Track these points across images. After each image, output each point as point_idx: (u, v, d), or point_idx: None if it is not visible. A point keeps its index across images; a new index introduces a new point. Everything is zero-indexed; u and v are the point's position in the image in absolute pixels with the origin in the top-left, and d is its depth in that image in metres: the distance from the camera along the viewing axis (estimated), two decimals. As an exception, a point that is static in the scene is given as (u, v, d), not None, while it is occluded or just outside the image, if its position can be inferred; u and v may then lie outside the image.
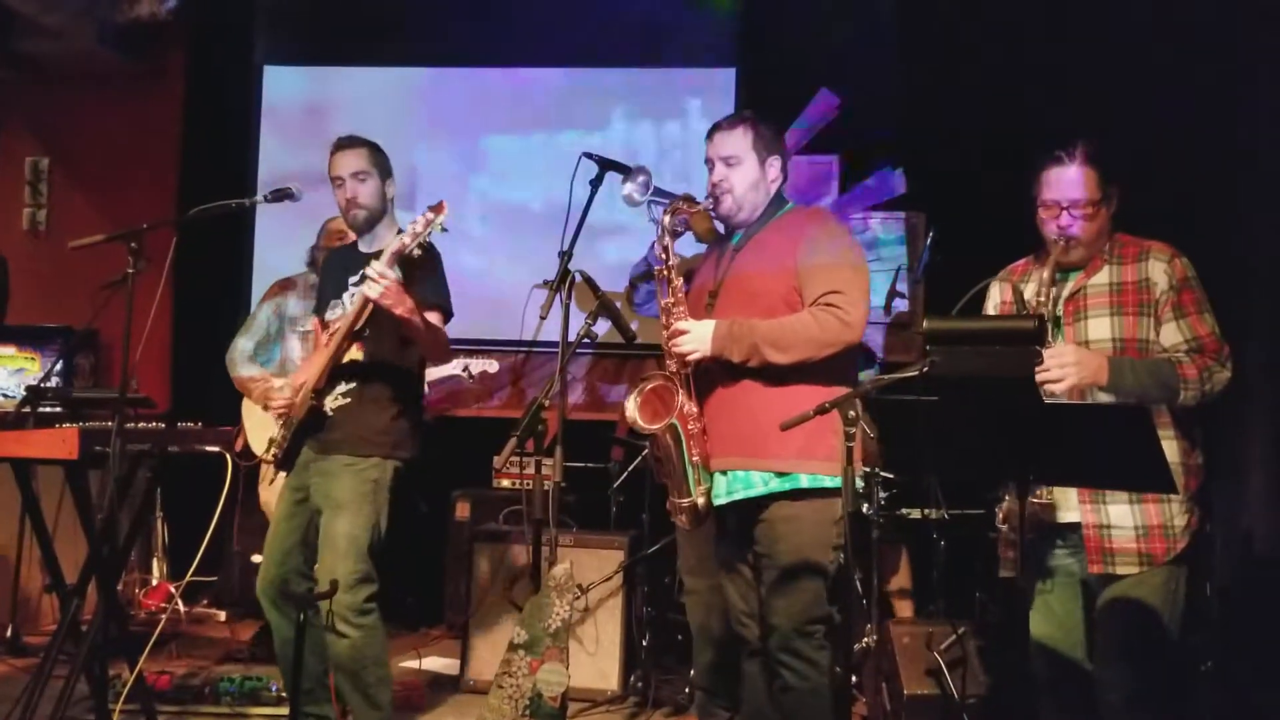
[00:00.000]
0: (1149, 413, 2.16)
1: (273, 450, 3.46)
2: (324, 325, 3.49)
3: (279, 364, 4.45)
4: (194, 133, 6.02)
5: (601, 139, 5.64)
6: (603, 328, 3.22)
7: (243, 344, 4.42)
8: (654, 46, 5.65)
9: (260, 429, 4.43)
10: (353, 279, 3.40)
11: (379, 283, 3.11)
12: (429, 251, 3.41)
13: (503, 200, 5.80)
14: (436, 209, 3.14)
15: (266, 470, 4.39)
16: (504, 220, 5.78)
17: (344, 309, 3.40)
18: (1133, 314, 2.69)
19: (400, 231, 3.42)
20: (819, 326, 2.77)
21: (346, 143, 3.45)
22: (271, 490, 4.46)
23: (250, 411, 4.52)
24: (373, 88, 5.91)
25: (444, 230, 3.16)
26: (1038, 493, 2.66)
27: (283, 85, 6.03)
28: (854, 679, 3.87)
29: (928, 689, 3.48)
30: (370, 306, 3.19)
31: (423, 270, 3.33)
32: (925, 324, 2.33)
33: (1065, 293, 2.75)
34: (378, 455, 3.32)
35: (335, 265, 3.57)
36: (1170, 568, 2.63)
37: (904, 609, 4.45)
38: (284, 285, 4.55)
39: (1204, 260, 2.75)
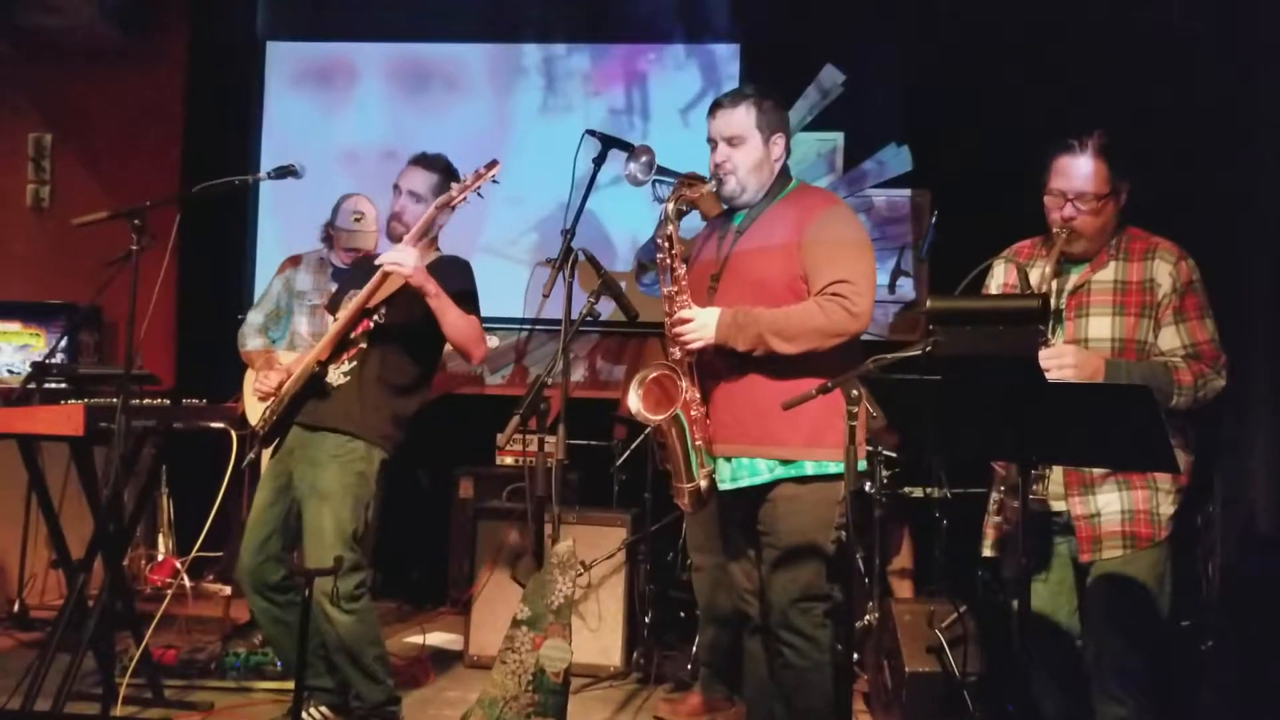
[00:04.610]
0: (1151, 391, 2.15)
1: (262, 420, 3.46)
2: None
3: (289, 338, 4.52)
4: (197, 108, 5.99)
5: (604, 115, 5.62)
6: (605, 307, 3.22)
7: (252, 318, 4.55)
8: (657, 22, 5.62)
9: (255, 401, 4.43)
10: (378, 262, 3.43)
11: (398, 254, 3.14)
12: (461, 263, 3.44)
13: (506, 176, 5.76)
14: (489, 165, 3.18)
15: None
16: (507, 196, 5.75)
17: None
18: (1134, 315, 2.67)
19: (435, 248, 3.50)
20: (825, 317, 2.74)
21: (422, 162, 3.47)
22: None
23: (250, 384, 4.54)
24: (376, 62, 5.88)
25: (495, 182, 3.22)
26: (1030, 489, 2.67)
27: (285, 60, 6.00)
28: (855, 656, 3.88)
29: (929, 666, 3.50)
30: (387, 281, 3.19)
31: (453, 274, 3.35)
32: (929, 303, 2.32)
33: (1069, 286, 2.72)
34: (364, 441, 3.30)
35: (362, 265, 3.59)
36: (1157, 550, 2.65)
37: (904, 589, 4.47)
38: (294, 260, 4.65)
39: (1209, 246, 2.73)
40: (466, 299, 3.37)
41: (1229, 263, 2.85)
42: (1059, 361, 2.53)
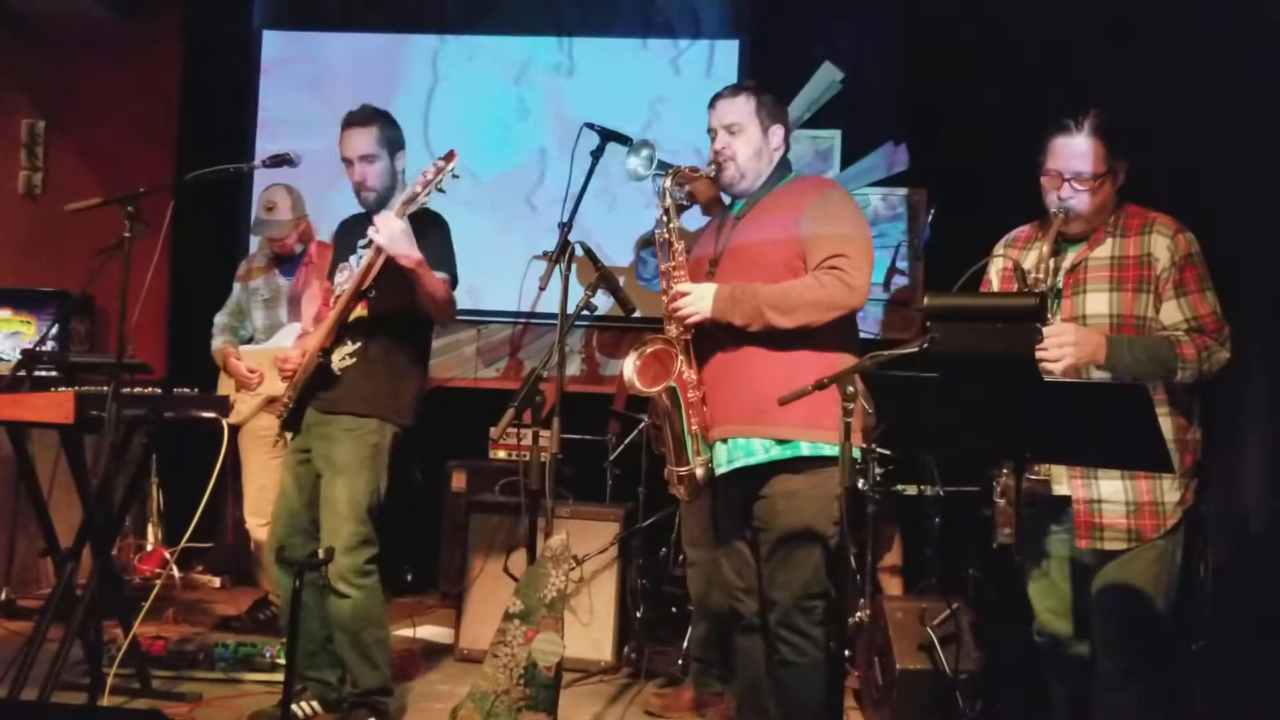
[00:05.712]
0: (1146, 391, 2.15)
1: (279, 410, 3.48)
2: (333, 290, 3.49)
3: (255, 333, 4.63)
4: (192, 96, 5.97)
5: (604, 109, 5.59)
6: (603, 301, 3.21)
7: (218, 319, 4.65)
8: (659, 17, 5.60)
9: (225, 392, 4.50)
10: (361, 241, 3.41)
11: (387, 225, 3.11)
12: (439, 221, 3.41)
13: (503, 169, 5.77)
14: (447, 157, 3.15)
15: (236, 403, 4.44)
16: (504, 190, 5.75)
17: (351, 271, 3.40)
18: (1131, 290, 2.66)
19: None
20: (823, 289, 2.75)
21: (356, 120, 3.40)
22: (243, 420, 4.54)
23: (223, 378, 4.62)
24: (371, 53, 5.86)
25: (455, 177, 3.17)
26: (1034, 470, 2.66)
27: (281, 49, 5.97)
28: (847, 653, 3.88)
29: (920, 664, 3.49)
30: (379, 262, 3.19)
31: (431, 236, 3.34)
32: (926, 300, 2.31)
33: (1066, 264, 2.71)
34: (376, 418, 3.34)
35: (346, 233, 3.56)
36: (1161, 543, 2.63)
37: (894, 586, 4.47)
38: (248, 261, 4.76)
39: (1208, 245, 2.72)
40: (445, 269, 3.37)
41: (1227, 263, 2.84)
42: (1058, 340, 2.50)
